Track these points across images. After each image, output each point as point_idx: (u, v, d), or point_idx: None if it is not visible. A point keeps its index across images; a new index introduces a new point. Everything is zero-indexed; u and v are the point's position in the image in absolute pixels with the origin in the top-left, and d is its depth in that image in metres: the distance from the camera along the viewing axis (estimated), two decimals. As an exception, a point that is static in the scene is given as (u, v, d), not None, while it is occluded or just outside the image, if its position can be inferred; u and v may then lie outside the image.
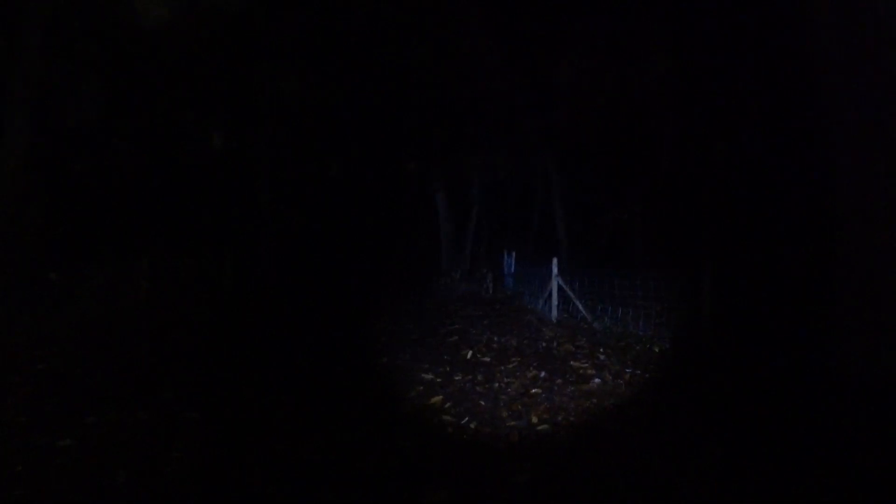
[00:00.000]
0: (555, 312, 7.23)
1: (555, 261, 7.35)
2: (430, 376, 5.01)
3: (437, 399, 4.39)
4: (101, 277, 7.50)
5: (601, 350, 5.79)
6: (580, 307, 7.08)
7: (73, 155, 7.58)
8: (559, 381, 4.81)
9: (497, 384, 4.78)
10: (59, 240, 7.55)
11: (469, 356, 5.70)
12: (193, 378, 4.93)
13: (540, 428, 3.80)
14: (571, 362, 5.38)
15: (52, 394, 4.35)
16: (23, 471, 3.09)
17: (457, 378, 4.96)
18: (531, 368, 5.19)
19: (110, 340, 6.08)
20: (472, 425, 3.85)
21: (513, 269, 9.86)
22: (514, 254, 10.04)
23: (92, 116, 9.72)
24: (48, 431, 3.63)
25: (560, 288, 7.26)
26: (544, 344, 6.18)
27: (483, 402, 4.31)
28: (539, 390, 4.57)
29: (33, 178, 6.97)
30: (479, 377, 4.97)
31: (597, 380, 4.78)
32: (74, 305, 6.86)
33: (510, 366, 5.31)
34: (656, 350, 5.69)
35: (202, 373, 5.09)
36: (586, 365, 5.26)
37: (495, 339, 6.43)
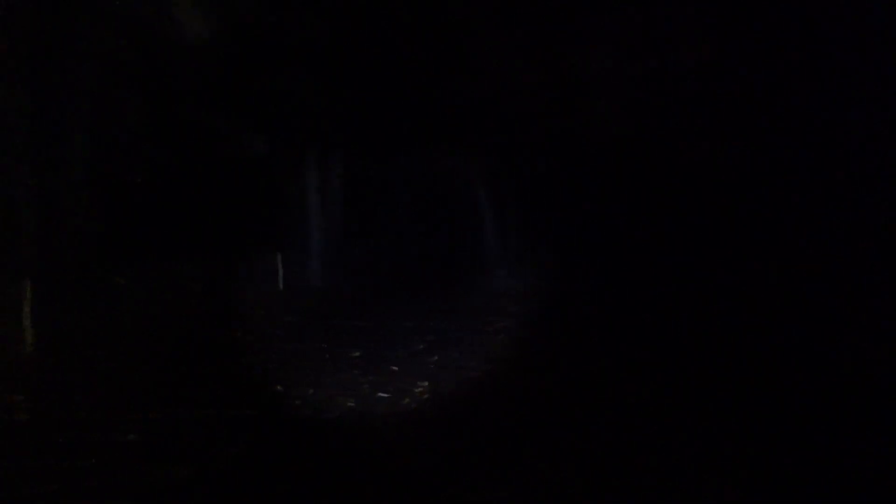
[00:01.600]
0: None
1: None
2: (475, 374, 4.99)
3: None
4: (160, 280, 7.90)
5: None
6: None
7: (129, 167, 8.00)
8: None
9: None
10: (120, 246, 7.98)
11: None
12: (251, 376, 5.10)
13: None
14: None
15: (118, 390, 4.61)
16: (95, 464, 3.28)
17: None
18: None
19: (170, 339, 6.39)
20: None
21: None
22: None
23: (143, 129, 10.25)
24: (116, 426, 3.85)
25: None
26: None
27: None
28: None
29: (96, 189, 7.41)
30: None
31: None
32: (136, 307, 7.26)
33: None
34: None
35: (259, 371, 5.25)
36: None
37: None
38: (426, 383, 4.72)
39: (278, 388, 4.75)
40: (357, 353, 5.96)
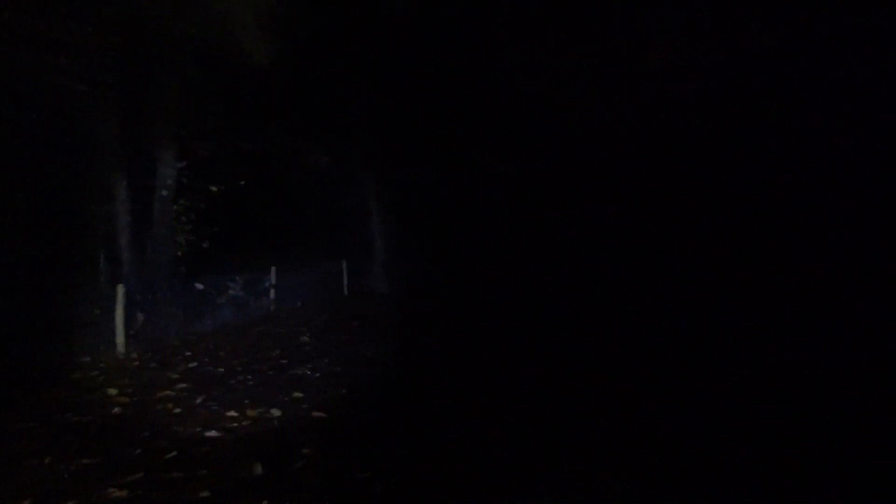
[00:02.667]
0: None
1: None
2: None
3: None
4: (237, 287, 8.36)
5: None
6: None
7: (208, 180, 8.56)
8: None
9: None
10: (202, 254, 8.55)
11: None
12: (320, 379, 5.23)
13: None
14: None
15: (199, 389, 4.87)
16: (176, 457, 3.46)
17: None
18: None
19: (246, 343, 6.71)
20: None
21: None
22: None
23: (220, 145, 10.97)
24: (197, 423, 4.06)
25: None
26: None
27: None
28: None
29: (181, 202, 7.99)
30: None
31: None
32: (216, 312, 7.71)
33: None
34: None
35: (328, 374, 5.37)
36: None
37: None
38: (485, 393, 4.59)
39: (343, 391, 4.83)
40: (416, 361, 5.97)
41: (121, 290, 6.11)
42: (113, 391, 4.74)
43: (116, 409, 4.35)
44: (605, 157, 10.85)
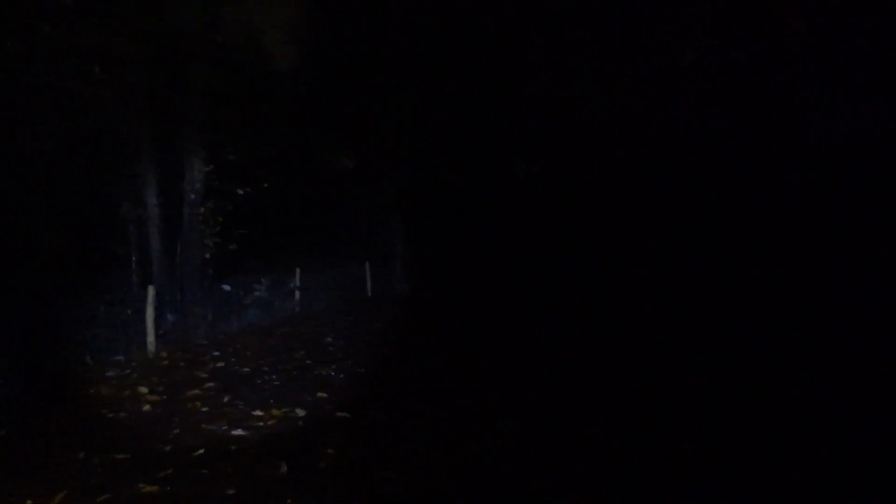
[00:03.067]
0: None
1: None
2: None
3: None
4: (262, 288, 8.50)
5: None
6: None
7: (235, 184, 8.73)
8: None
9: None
10: (229, 257, 8.73)
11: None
12: (344, 380, 5.26)
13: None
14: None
15: (226, 388, 4.95)
16: (204, 454, 3.52)
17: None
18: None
19: (271, 343, 6.80)
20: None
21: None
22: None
23: (246, 150, 11.19)
24: (224, 421, 4.12)
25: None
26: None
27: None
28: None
29: (209, 206, 8.16)
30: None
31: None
32: (242, 313, 7.86)
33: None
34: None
35: (352, 375, 5.40)
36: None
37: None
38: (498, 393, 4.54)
39: (367, 391, 4.85)
40: (440, 362, 5.96)
41: (151, 291, 6.27)
42: (144, 389, 4.85)
43: (147, 407, 4.45)
44: (628, 156, 10.67)
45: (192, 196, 7.92)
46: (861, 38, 6.55)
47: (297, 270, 9.15)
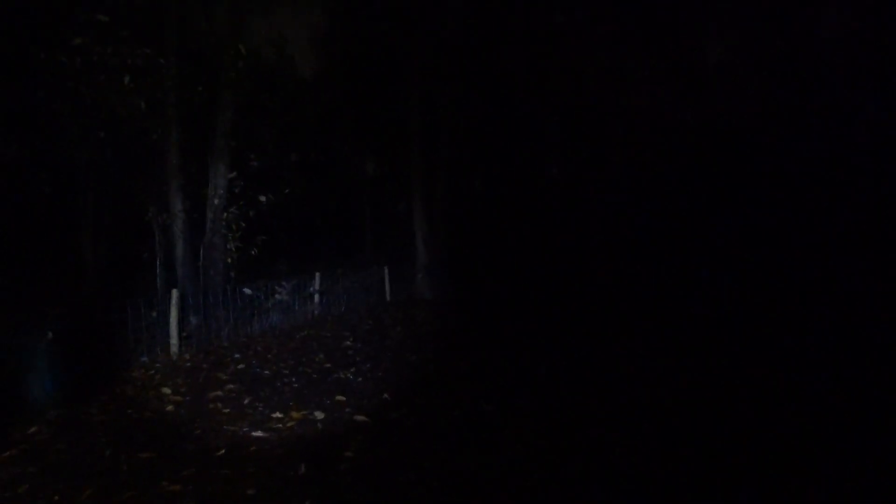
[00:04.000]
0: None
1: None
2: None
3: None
4: (283, 292, 8.61)
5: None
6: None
7: (259, 189, 8.90)
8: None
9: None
10: (251, 260, 8.88)
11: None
12: (363, 383, 5.28)
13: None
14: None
15: (247, 390, 5.02)
16: (225, 454, 3.57)
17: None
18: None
19: (291, 346, 6.88)
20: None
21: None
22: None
23: (269, 156, 11.42)
24: (245, 422, 4.18)
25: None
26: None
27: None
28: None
29: (232, 211, 8.33)
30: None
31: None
32: (264, 316, 7.96)
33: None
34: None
35: (371, 379, 5.43)
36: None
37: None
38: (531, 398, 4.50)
39: (385, 395, 4.87)
40: (459, 365, 5.94)
41: (175, 294, 6.40)
42: (167, 390, 4.95)
43: (170, 408, 4.54)
44: (658, 157, 10.51)
45: (216, 201, 8.09)
46: (891, 36, 6.34)
47: (318, 275, 9.25)
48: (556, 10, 11.37)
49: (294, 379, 5.44)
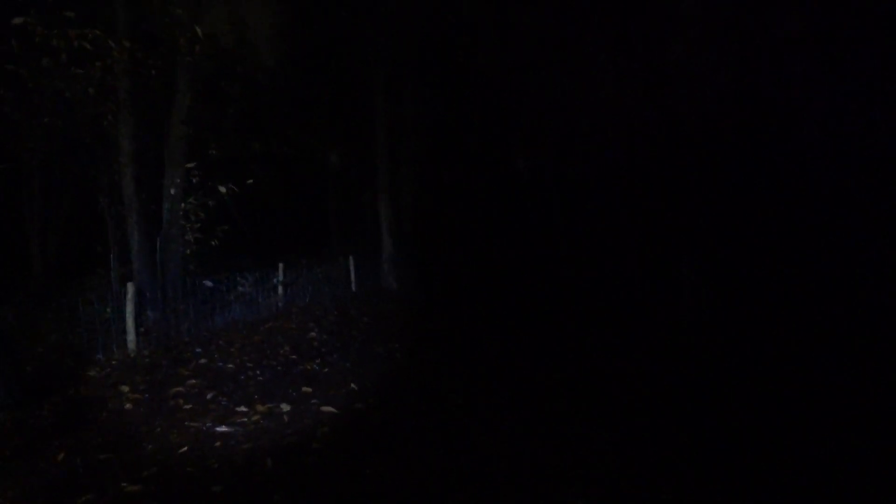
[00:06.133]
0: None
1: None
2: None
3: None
4: (246, 284, 8.42)
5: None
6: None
7: (220, 180, 8.62)
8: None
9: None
10: (213, 252, 8.64)
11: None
12: (329, 374, 5.25)
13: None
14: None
15: (210, 385, 4.91)
16: (188, 452, 3.50)
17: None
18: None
19: (255, 339, 6.75)
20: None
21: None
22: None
23: (230, 145, 11.06)
24: (209, 418, 4.10)
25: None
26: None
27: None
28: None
29: (191, 201, 8.05)
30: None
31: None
32: (226, 309, 7.77)
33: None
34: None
35: (337, 370, 5.40)
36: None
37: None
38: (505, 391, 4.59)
39: (353, 386, 4.86)
40: (424, 355, 5.98)
41: (130, 288, 6.16)
42: (125, 388, 4.79)
43: (129, 406, 4.40)
44: (626, 152, 10.70)
45: (173, 191, 7.80)
46: (854, 35, 6.62)
47: (281, 266, 9.08)
48: (523, 5, 11.41)
49: (259, 372, 5.35)
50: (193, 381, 5.04)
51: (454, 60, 13.56)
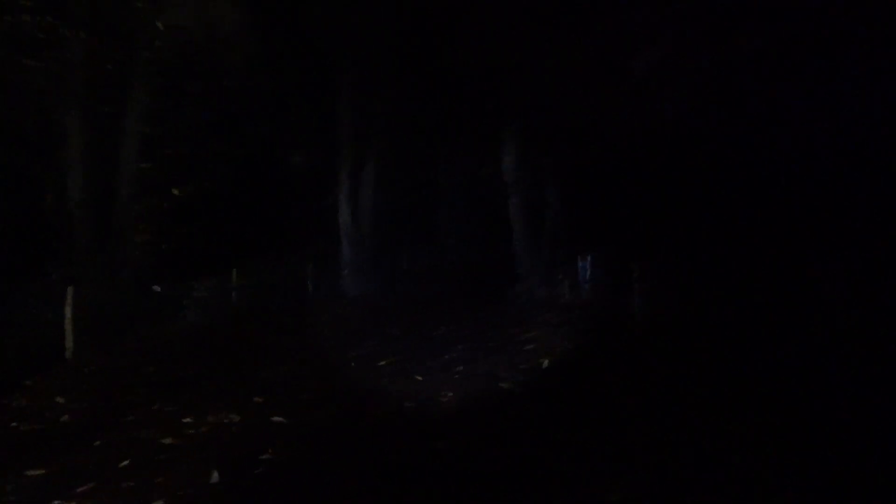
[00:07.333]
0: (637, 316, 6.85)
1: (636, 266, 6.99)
2: (506, 385, 4.88)
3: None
4: (200, 289, 8.18)
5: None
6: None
7: (174, 180, 8.37)
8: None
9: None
10: (164, 256, 8.34)
11: (545, 365, 5.50)
12: (282, 383, 5.15)
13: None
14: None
15: (156, 394, 4.74)
16: (130, 465, 3.37)
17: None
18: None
19: (207, 346, 6.57)
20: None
21: (588, 275, 9.45)
22: (589, 258, 9.62)
23: (188, 144, 10.72)
24: (153, 429, 3.95)
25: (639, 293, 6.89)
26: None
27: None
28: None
29: (146, 201, 7.78)
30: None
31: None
32: (178, 315, 7.53)
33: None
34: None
35: (290, 377, 5.31)
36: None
37: (570, 346, 6.15)
38: (451, 394, 4.66)
39: (305, 395, 4.80)
40: (383, 363, 5.97)
41: (70, 292, 5.86)
42: (62, 399, 4.56)
43: (66, 417, 4.19)
44: (594, 157, 10.79)
45: (125, 191, 7.52)
46: (826, 42, 6.75)
47: (234, 271, 8.86)
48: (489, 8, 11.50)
49: (208, 381, 5.20)
50: (139, 390, 4.86)
51: (426, 61, 13.56)
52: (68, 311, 5.74)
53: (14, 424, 4.04)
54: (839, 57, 6.38)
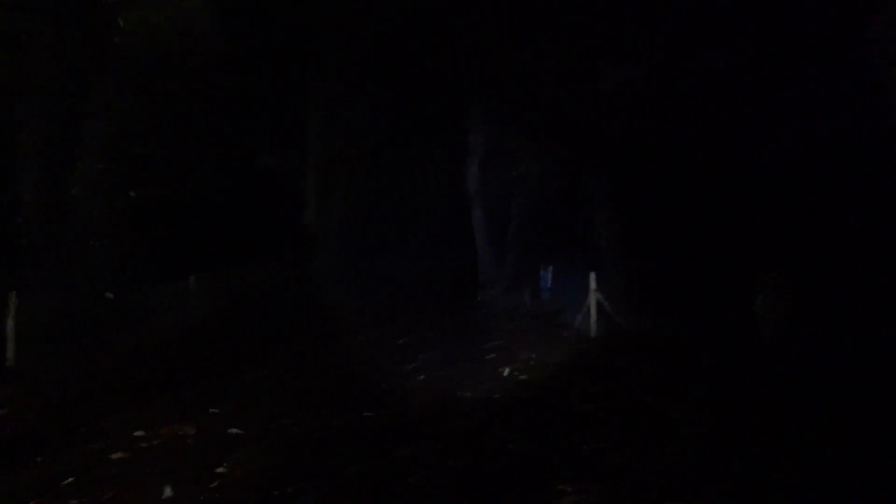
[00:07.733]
0: (593, 329, 7.05)
1: (592, 275, 7.18)
2: (468, 394, 4.94)
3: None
4: (160, 296, 7.88)
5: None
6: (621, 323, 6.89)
7: (134, 181, 8.05)
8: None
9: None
10: (122, 260, 7.98)
11: (506, 374, 5.60)
12: (240, 394, 5.04)
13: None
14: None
15: (106, 406, 4.56)
16: (75, 481, 3.24)
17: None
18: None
19: (164, 356, 6.35)
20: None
21: (549, 284, 9.68)
22: (550, 268, 9.86)
23: (153, 145, 10.33)
24: (102, 443, 3.81)
25: (599, 303, 7.07)
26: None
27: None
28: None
29: (102, 203, 7.45)
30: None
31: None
32: (131, 322, 7.22)
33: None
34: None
35: (248, 387, 5.20)
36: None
37: (533, 355, 6.29)
38: (414, 403, 4.68)
39: (264, 406, 4.72)
40: (347, 372, 5.94)
41: (13, 298, 5.54)
42: (3, 411, 4.34)
43: (6, 431, 3.99)
44: (558, 168, 10.92)
45: (82, 192, 7.19)
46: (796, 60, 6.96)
47: (192, 278, 8.60)
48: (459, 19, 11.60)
49: (163, 390, 5.03)
50: (86, 401, 4.66)
51: (397, 67, 13.53)
52: (10, 322, 5.42)
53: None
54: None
